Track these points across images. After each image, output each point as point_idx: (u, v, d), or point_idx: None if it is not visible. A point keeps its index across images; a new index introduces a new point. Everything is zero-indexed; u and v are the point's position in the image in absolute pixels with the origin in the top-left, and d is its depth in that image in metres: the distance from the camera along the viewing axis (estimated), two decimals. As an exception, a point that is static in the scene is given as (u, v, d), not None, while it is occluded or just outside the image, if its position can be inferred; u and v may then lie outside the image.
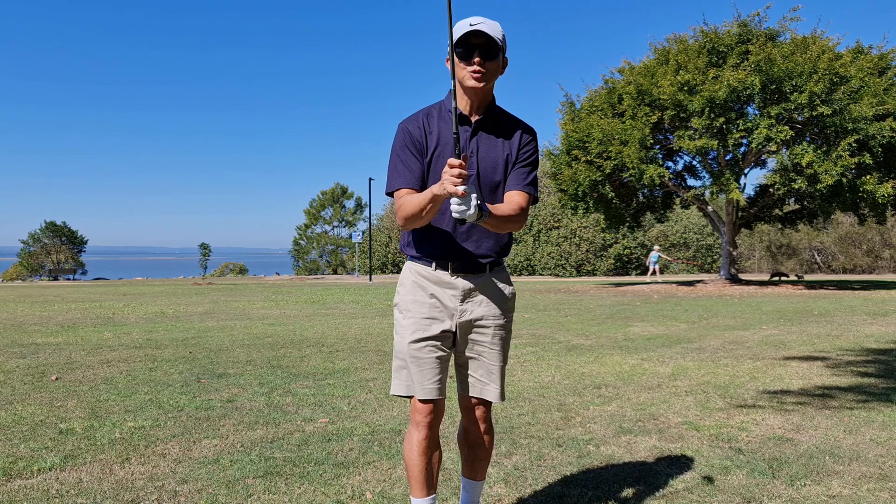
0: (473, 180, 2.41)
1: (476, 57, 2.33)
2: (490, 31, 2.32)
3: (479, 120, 2.45)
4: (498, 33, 2.34)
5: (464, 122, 2.44)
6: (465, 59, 2.34)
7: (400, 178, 2.41)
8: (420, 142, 2.42)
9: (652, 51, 22.40)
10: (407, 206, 2.35)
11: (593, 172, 21.19)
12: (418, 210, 2.31)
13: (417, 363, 2.45)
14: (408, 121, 2.47)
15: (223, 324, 11.29)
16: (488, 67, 2.35)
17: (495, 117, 2.48)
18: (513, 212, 2.39)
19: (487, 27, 2.32)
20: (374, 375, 6.24)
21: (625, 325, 10.86)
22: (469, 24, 2.31)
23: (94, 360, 7.18)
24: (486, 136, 2.46)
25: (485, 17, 2.36)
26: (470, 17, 2.35)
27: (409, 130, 2.43)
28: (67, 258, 62.40)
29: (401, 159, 2.42)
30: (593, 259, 42.23)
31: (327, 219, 63.89)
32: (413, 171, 2.41)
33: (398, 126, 2.48)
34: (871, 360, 7.10)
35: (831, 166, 18.17)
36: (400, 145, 2.44)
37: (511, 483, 3.31)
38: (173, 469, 3.53)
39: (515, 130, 2.49)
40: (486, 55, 2.33)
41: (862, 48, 20.88)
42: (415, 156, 2.42)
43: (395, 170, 2.43)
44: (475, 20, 2.33)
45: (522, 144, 2.49)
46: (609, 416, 4.62)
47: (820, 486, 3.24)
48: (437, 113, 2.48)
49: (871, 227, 36.29)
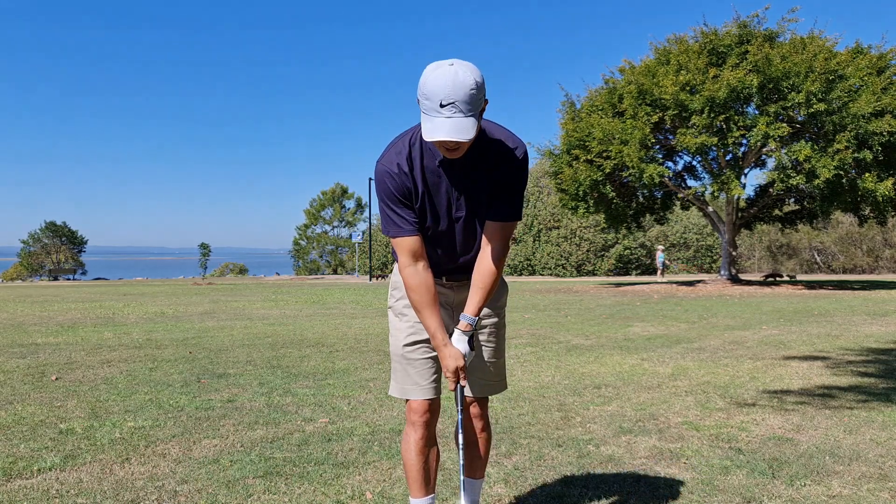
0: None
1: (449, 142, 2.15)
2: (461, 133, 2.08)
3: (462, 159, 2.29)
4: (471, 106, 2.10)
5: (448, 165, 2.31)
6: (437, 141, 2.17)
7: (395, 228, 2.34)
8: (405, 189, 2.31)
9: (652, 51, 22.44)
10: (412, 297, 2.35)
11: (594, 172, 21.20)
12: (415, 310, 2.38)
13: (412, 364, 2.47)
14: (387, 167, 2.31)
15: (223, 324, 11.29)
16: (462, 143, 2.17)
17: (478, 148, 2.30)
18: (493, 278, 2.36)
19: (459, 118, 2.08)
20: (374, 375, 6.24)
21: (625, 325, 10.86)
22: (440, 103, 2.08)
23: (94, 360, 7.18)
24: (472, 172, 2.33)
25: (455, 77, 2.08)
26: (440, 82, 2.09)
27: (392, 181, 2.30)
28: (67, 258, 62.39)
29: (392, 209, 2.33)
30: (593, 259, 42.23)
31: (327, 219, 63.91)
32: (407, 219, 2.33)
33: (377, 169, 2.33)
34: (871, 360, 7.10)
35: (828, 161, 18.20)
36: (386, 195, 2.32)
37: (511, 483, 3.31)
38: (173, 469, 3.53)
39: (501, 154, 2.33)
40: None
41: (861, 48, 20.91)
42: (404, 204, 2.33)
43: (390, 220, 2.34)
44: (446, 97, 2.07)
45: (509, 168, 2.35)
46: (609, 416, 4.62)
47: (820, 486, 3.24)
48: (419, 150, 2.32)
49: (871, 227, 36.26)
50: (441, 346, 2.33)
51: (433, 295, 2.34)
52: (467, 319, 2.36)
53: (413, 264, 2.34)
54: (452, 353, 2.32)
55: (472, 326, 2.36)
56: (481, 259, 2.39)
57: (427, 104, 2.12)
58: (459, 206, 2.37)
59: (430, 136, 2.11)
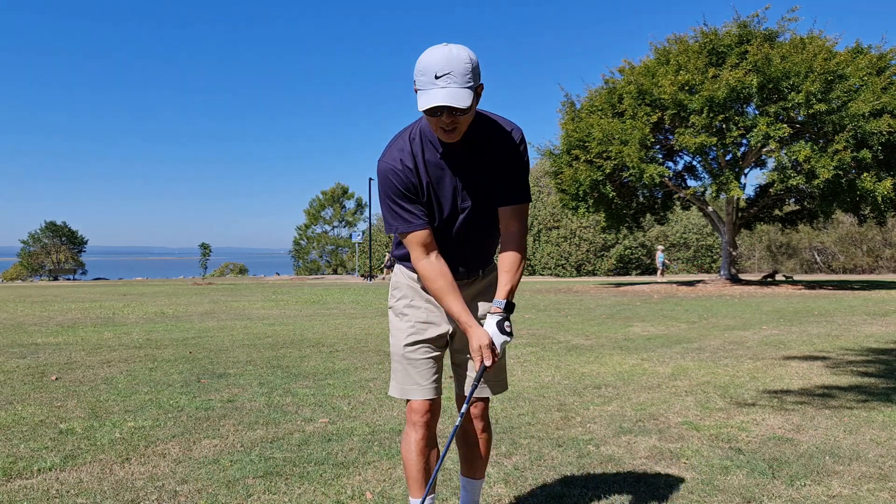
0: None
1: (444, 115, 2.15)
2: (457, 100, 2.09)
3: (462, 149, 2.32)
4: (467, 78, 2.11)
5: (449, 156, 2.33)
6: (433, 115, 2.16)
7: (405, 224, 2.33)
8: (411, 184, 2.31)
9: (652, 51, 22.43)
10: (432, 287, 2.36)
11: (594, 172, 21.20)
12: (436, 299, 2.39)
13: (412, 364, 2.46)
14: (390, 164, 2.32)
15: (223, 324, 11.29)
16: (459, 120, 2.18)
17: (477, 136, 2.33)
18: (517, 260, 2.39)
19: (454, 88, 2.09)
20: (374, 375, 6.24)
21: (625, 325, 10.86)
22: (435, 74, 2.10)
23: (94, 360, 7.18)
24: (474, 161, 2.35)
25: (449, 52, 2.12)
26: (435, 56, 2.12)
27: (397, 177, 2.30)
28: (67, 258, 62.40)
29: (399, 205, 2.32)
30: (593, 259, 42.23)
31: (327, 219, 63.92)
32: (416, 213, 2.33)
33: (380, 167, 2.34)
34: (871, 360, 7.10)
35: (828, 161, 18.20)
36: (393, 192, 2.31)
37: (511, 483, 3.31)
38: (173, 469, 3.53)
39: (499, 139, 2.35)
40: (455, 111, 2.14)
41: (861, 48, 20.92)
42: (411, 199, 2.32)
43: (398, 216, 2.33)
44: (441, 69, 2.10)
45: (509, 151, 2.37)
46: (609, 416, 4.62)
47: (820, 486, 3.24)
48: (419, 144, 2.33)
49: (871, 227, 36.28)
50: (468, 328, 2.33)
51: (451, 281, 2.35)
52: (497, 304, 2.38)
53: (426, 256, 2.35)
54: (478, 334, 2.32)
55: (502, 309, 2.36)
56: (504, 245, 2.43)
57: (422, 79, 2.15)
58: (465, 197, 2.38)
59: (426, 104, 2.11)
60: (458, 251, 2.46)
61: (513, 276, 2.39)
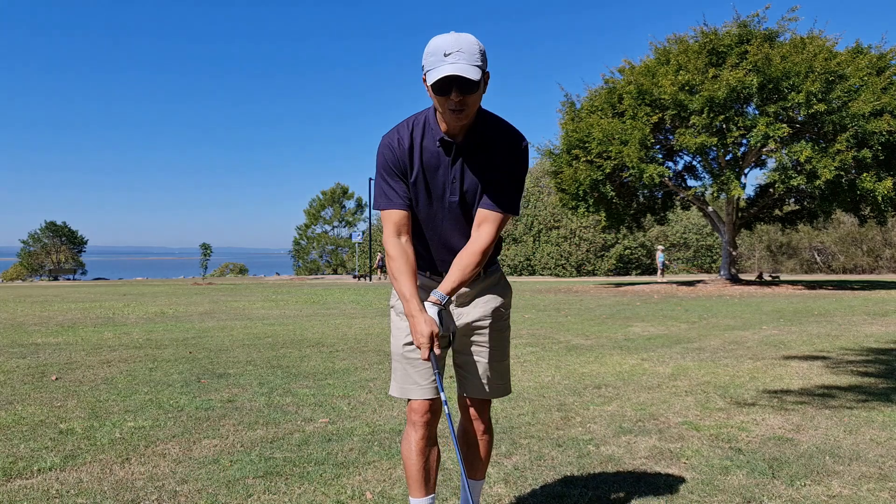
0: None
1: (453, 94, 2.19)
2: (466, 72, 2.15)
3: (462, 144, 2.34)
4: (475, 57, 2.18)
5: (447, 147, 2.35)
6: (442, 94, 2.20)
7: (386, 201, 2.40)
8: (402, 163, 2.37)
9: (652, 51, 22.45)
10: (391, 266, 2.38)
11: (594, 172, 21.21)
12: (391, 279, 2.42)
13: (413, 364, 2.46)
14: (389, 140, 2.39)
15: (223, 324, 11.29)
16: (468, 101, 2.21)
17: (480, 136, 2.35)
18: (475, 261, 2.36)
19: (463, 64, 2.15)
20: (374, 375, 6.24)
21: (625, 325, 10.86)
22: (444, 53, 2.17)
23: (94, 360, 7.18)
24: (471, 159, 2.36)
25: (458, 35, 2.20)
26: (444, 39, 2.20)
27: (390, 154, 2.37)
28: (67, 258, 62.42)
29: (385, 181, 2.40)
30: (593, 259, 42.23)
31: (327, 219, 63.96)
32: (399, 192, 2.39)
33: (380, 143, 2.42)
34: (871, 360, 7.10)
35: (829, 161, 18.20)
36: (383, 167, 2.39)
37: (511, 483, 3.31)
38: (173, 469, 3.53)
39: (504, 144, 2.37)
40: (464, 89, 2.18)
41: (861, 48, 20.91)
42: (398, 177, 2.39)
43: (382, 192, 2.41)
44: (450, 48, 2.17)
45: (510, 160, 2.38)
46: (609, 416, 4.62)
47: (820, 486, 3.24)
48: (420, 129, 2.38)
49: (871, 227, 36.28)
50: (415, 312, 2.31)
51: (412, 265, 2.37)
52: (437, 295, 2.36)
53: (396, 237, 2.38)
54: (427, 319, 2.29)
55: (441, 302, 2.35)
56: (469, 243, 2.40)
57: (432, 59, 2.20)
58: (454, 191, 2.39)
59: (436, 77, 2.16)
60: (435, 248, 2.48)
61: (462, 275, 2.36)
